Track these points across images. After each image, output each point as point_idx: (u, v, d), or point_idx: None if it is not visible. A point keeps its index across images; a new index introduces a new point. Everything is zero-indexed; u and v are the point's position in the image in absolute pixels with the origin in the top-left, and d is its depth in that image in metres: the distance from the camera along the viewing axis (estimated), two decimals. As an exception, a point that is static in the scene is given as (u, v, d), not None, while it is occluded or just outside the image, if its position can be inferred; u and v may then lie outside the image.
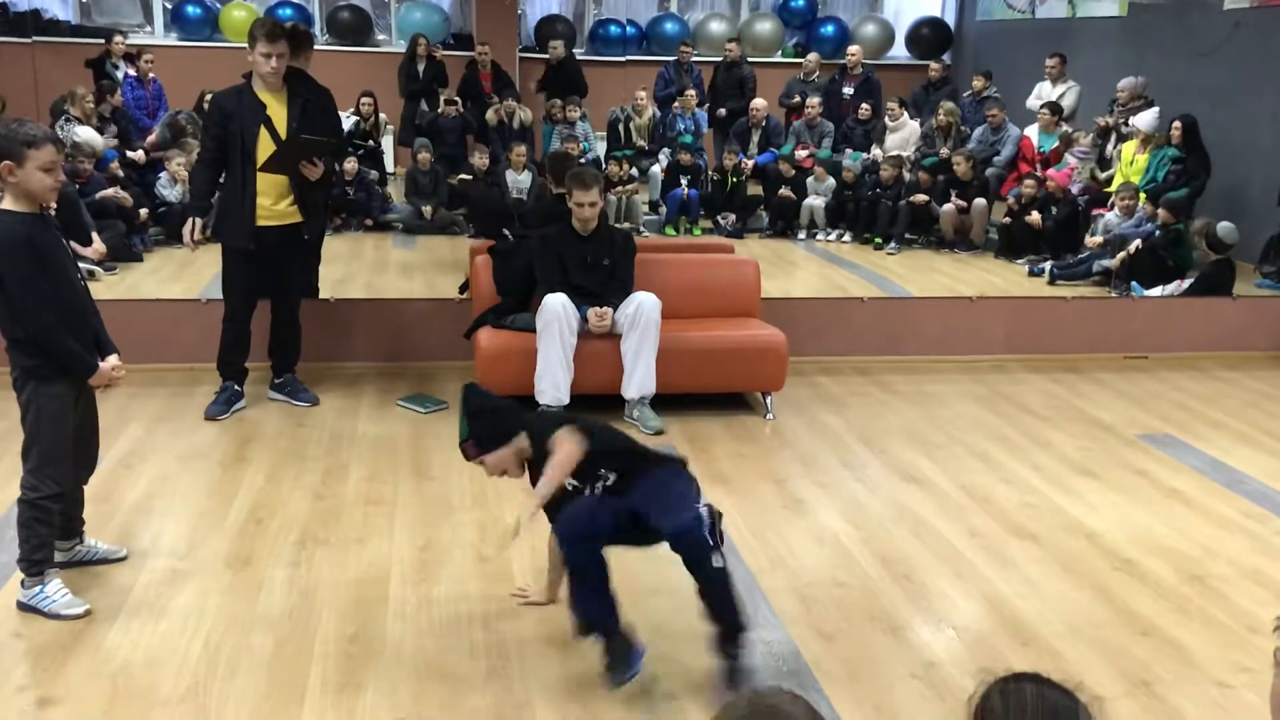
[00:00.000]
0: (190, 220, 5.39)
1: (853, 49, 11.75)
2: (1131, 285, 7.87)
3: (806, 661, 3.42)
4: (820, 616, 3.69)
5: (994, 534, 4.38)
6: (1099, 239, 8.52)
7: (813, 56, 11.96)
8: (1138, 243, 8.00)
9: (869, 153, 10.74)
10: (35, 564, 3.54)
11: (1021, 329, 6.88)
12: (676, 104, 11.10)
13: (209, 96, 9.34)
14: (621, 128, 11.32)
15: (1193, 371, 6.74)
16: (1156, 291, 7.66)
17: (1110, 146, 9.73)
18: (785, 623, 3.64)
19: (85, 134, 8.63)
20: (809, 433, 5.49)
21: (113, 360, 3.65)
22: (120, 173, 8.84)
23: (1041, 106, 10.07)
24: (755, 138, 10.93)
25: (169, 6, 13.44)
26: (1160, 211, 8.02)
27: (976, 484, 4.88)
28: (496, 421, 3.36)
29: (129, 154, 9.45)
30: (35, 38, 12.42)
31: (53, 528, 3.60)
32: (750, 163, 10.61)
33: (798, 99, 11.38)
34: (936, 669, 3.41)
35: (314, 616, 3.57)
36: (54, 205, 5.61)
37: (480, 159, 9.52)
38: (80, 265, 3.70)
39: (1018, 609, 3.79)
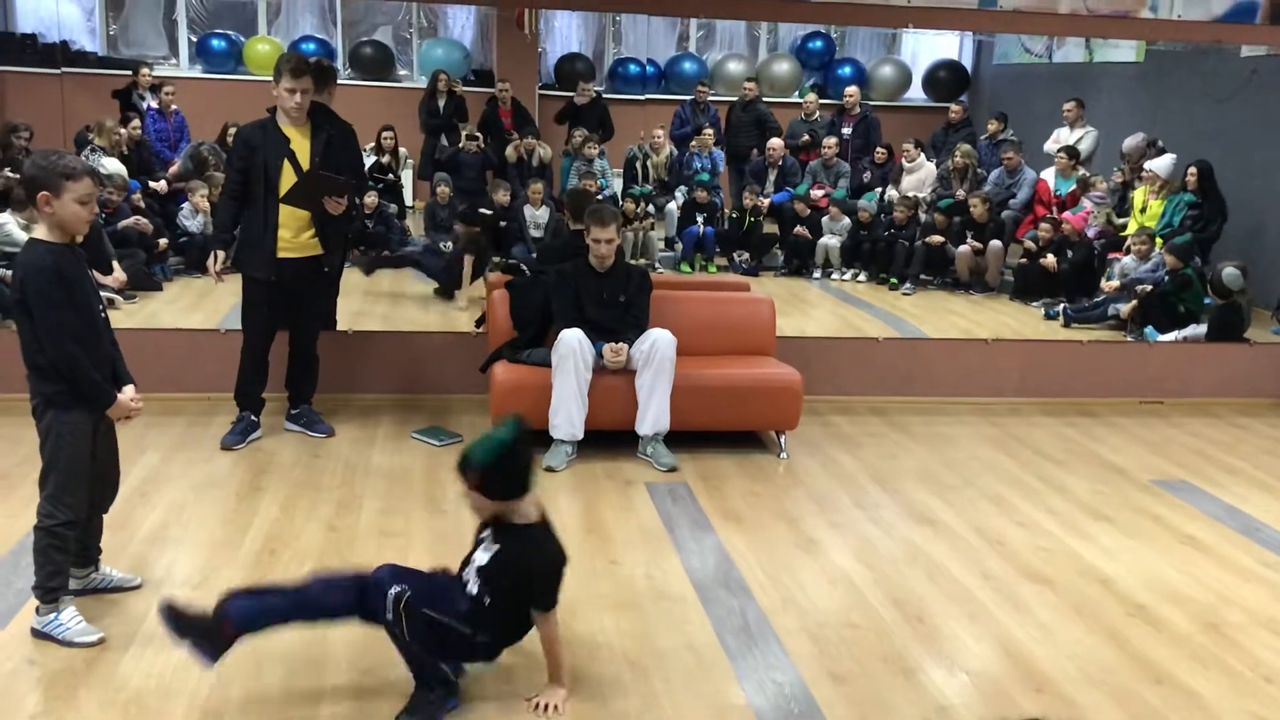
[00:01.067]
0: (213, 253, 5.45)
1: (850, 90, 11.82)
2: (1146, 330, 7.86)
3: (818, 703, 3.40)
4: (832, 657, 3.68)
5: (1007, 577, 4.36)
6: (1115, 283, 8.52)
7: (811, 97, 12.06)
8: (1146, 287, 8.00)
9: (884, 194, 10.78)
10: (50, 591, 3.56)
11: (1036, 372, 6.88)
12: (694, 143, 11.18)
13: (233, 129, 9.48)
14: (639, 165, 11.40)
15: (1208, 417, 6.72)
16: (1171, 337, 7.64)
17: (1128, 196, 9.75)
18: (797, 663, 3.62)
19: (112, 165, 8.74)
20: (822, 472, 5.48)
21: (130, 391, 3.68)
22: (142, 203, 8.94)
23: (1059, 150, 10.11)
24: (771, 177, 11.00)
25: (194, 39, 13.63)
26: (1168, 257, 8.02)
27: (990, 527, 4.87)
28: (513, 483, 3.28)
29: (151, 184, 9.55)
30: (64, 69, 12.60)
31: (68, 555, 3.62)
32: (766, 201, 10.66)
33: (807, 138, 11.46)
34: (949, 713, 3.39)
35: (327, 649, 3.58)
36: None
37: (503, 195, 9.61)
38: (101, 294, 3.74)
39: (1031, 654, 3.77)
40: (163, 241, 8.65)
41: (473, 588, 3.27)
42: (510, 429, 3.26)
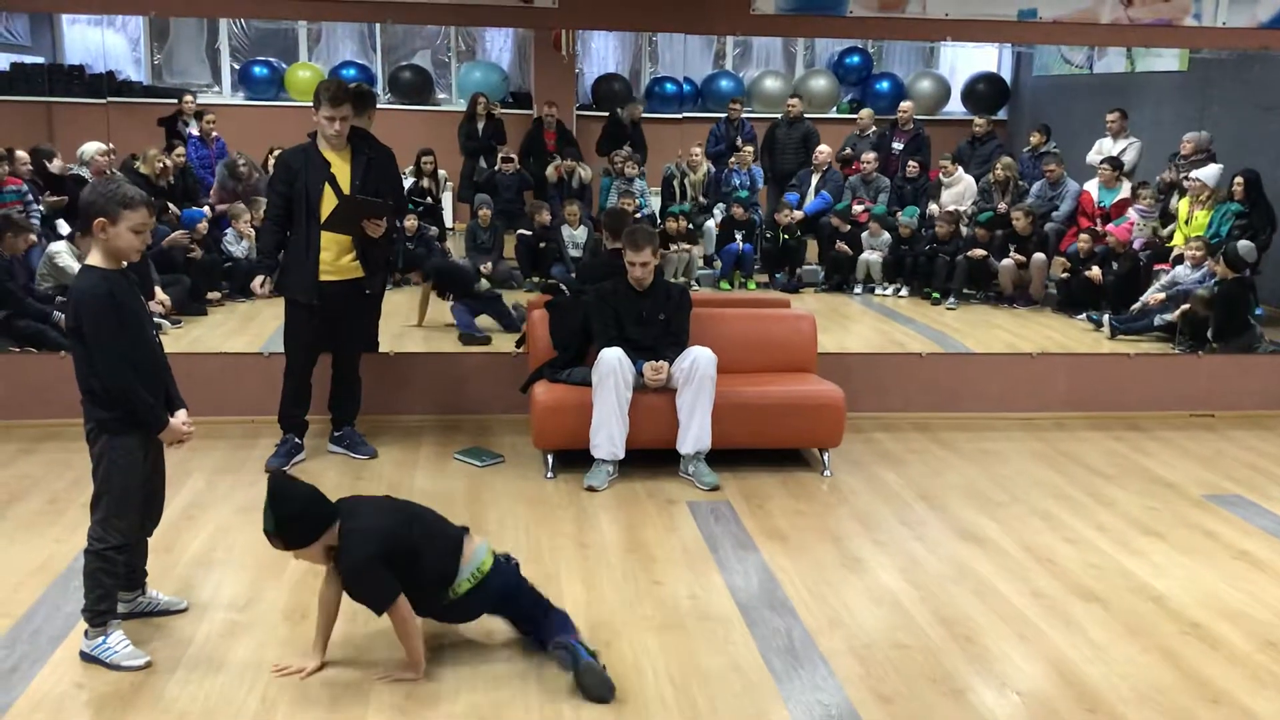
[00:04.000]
0: (259, 276, 5.51)
1: (905, 105, 11.79)
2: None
3: (866, 725, 3.35)
4: (879, 678, 3.63)
5: (1058, 595, 4.29)
6: (1161, 295, 8.40)
7: (866, 112, 12.02)
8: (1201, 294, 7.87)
9: (926, 209, 10.72)
10: (99, 614, 3.59)
11: (1083, 385, 6.78)
12: (733, 160, 11.19)
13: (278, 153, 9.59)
14: (676, 184, 11.42)
15: (1261, 430, 6.59)
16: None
17: (1173, 202, 9.62)
18: (843, 684, 3.58)
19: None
20: (867, 490, 5.43)
21: (182, 415, 3.72)
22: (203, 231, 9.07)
23: (1102, 161, 10.01)
24: (814, 181, 11.00)
25: (236, 67, 13.83)
26: (1217, 267, 7.88)
27: (1039, 544, 4.80)
28: (305, 525, 3.49)
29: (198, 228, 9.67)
30: (110, 99, 12.82)
31: (117, 578, 3.65)
32: (799, 214, 10.61)
33: (848, 152, 11.44)
34: (1000, 735, 3.33)
35: (370, 670, 3.58)
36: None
37: (544, 215, 9.66)
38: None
39: (1083, 673, 3.70)
40: (211, 301, 8.65)
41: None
42: (269, 489, 3.49)
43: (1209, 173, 9.05)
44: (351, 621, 3.90)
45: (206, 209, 9.81)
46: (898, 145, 11.50)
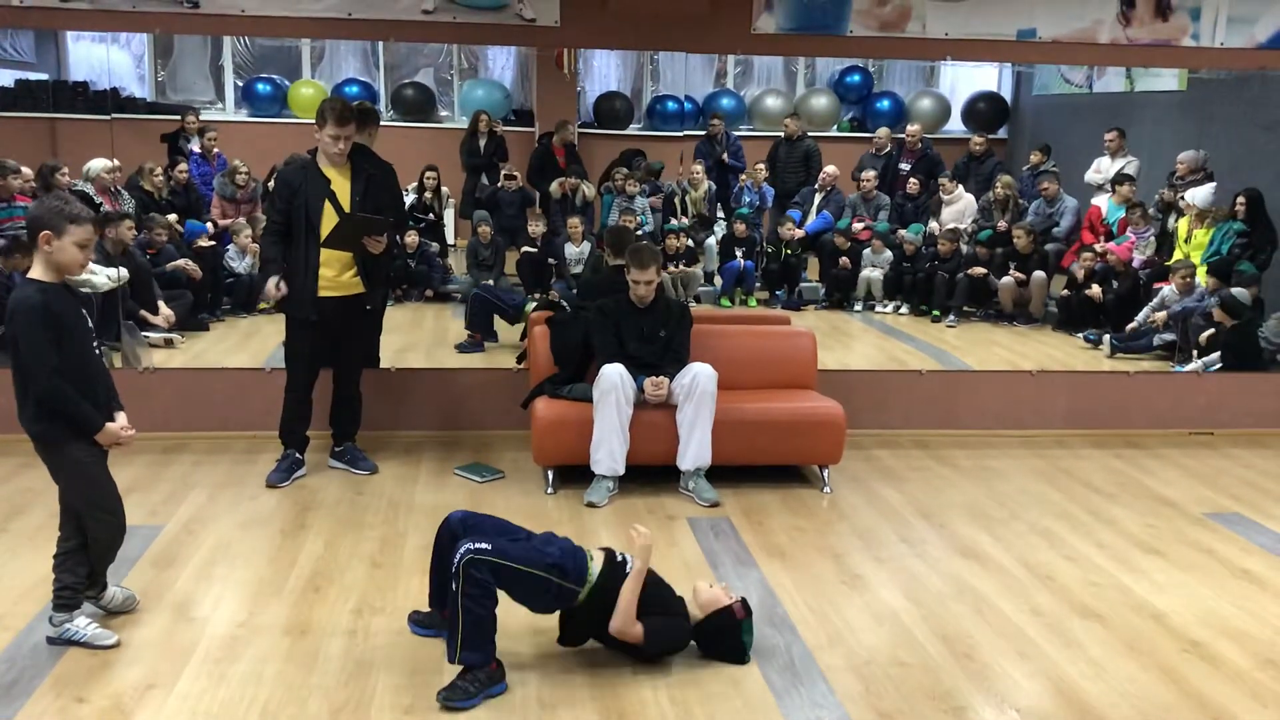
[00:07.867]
0: (273, 278, 5.38)
1: (912, 128, 11.86)
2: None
3: (866, 741, 3.35)
4: (879, 695, 3.63)
5: (1058, 613, 4.29)
6: (1163, 314, 8.40)
7: (883, 131, 12.09)
8: (1198, 321, 7.88)
9: (926, 225, 10.76)
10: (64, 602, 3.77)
11: (1083, 403, 6.80)
12: (744, 175, 11.26)
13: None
14: (678, 201, 11.46)
15: (1260, 448, 6.59)
16: (1194, 366, 7.46)
17: (1171, 221, 9.65)
18: (843, 701, 3.58)
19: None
20: (867, 507, 5.43)
21: (122, 418, 3.78)
22: (204, 244, 9.08)
23: (1115, 179, 10.01)
24: (816, 200, 11.05)
25: (239, 84, 13.89)
26: (1216, 311, 7.84)
27: (1039, 561, 4.80)
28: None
29: (199, 244, 9.68)
30: (114, 115, 12.86)
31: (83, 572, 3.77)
32: (800, 231, 10.65)
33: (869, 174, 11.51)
34: (1000, 752, 3.33)
35: (370, 686, 3.58)
36: (127, 279, 5.78)
37: (535, 228, 9.72)
38: (152, 333, 3.82)
39: (1083, 691, 3.70)
40: (209, 303, 8.65)
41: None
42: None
43: (1200, 194, 9.08)
44: (351, 636, 3.91)
45: (209, 224, 9.84)
46: (904, 166, 11.57)
